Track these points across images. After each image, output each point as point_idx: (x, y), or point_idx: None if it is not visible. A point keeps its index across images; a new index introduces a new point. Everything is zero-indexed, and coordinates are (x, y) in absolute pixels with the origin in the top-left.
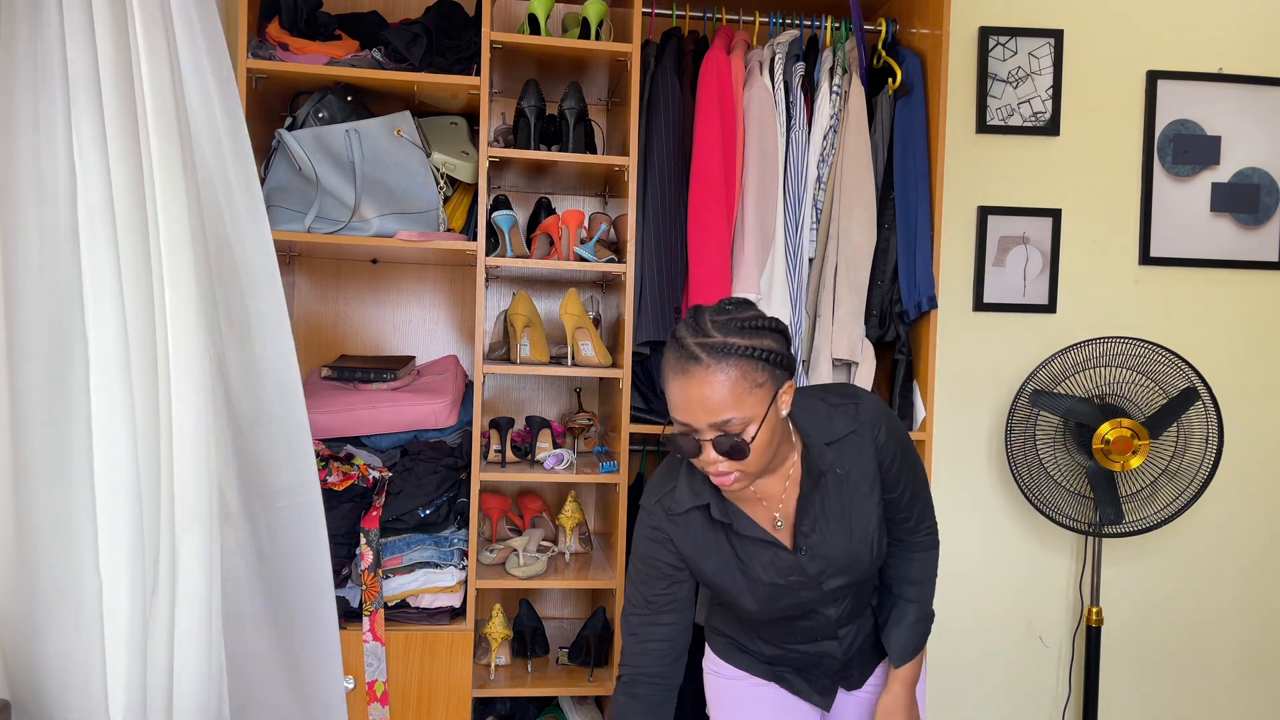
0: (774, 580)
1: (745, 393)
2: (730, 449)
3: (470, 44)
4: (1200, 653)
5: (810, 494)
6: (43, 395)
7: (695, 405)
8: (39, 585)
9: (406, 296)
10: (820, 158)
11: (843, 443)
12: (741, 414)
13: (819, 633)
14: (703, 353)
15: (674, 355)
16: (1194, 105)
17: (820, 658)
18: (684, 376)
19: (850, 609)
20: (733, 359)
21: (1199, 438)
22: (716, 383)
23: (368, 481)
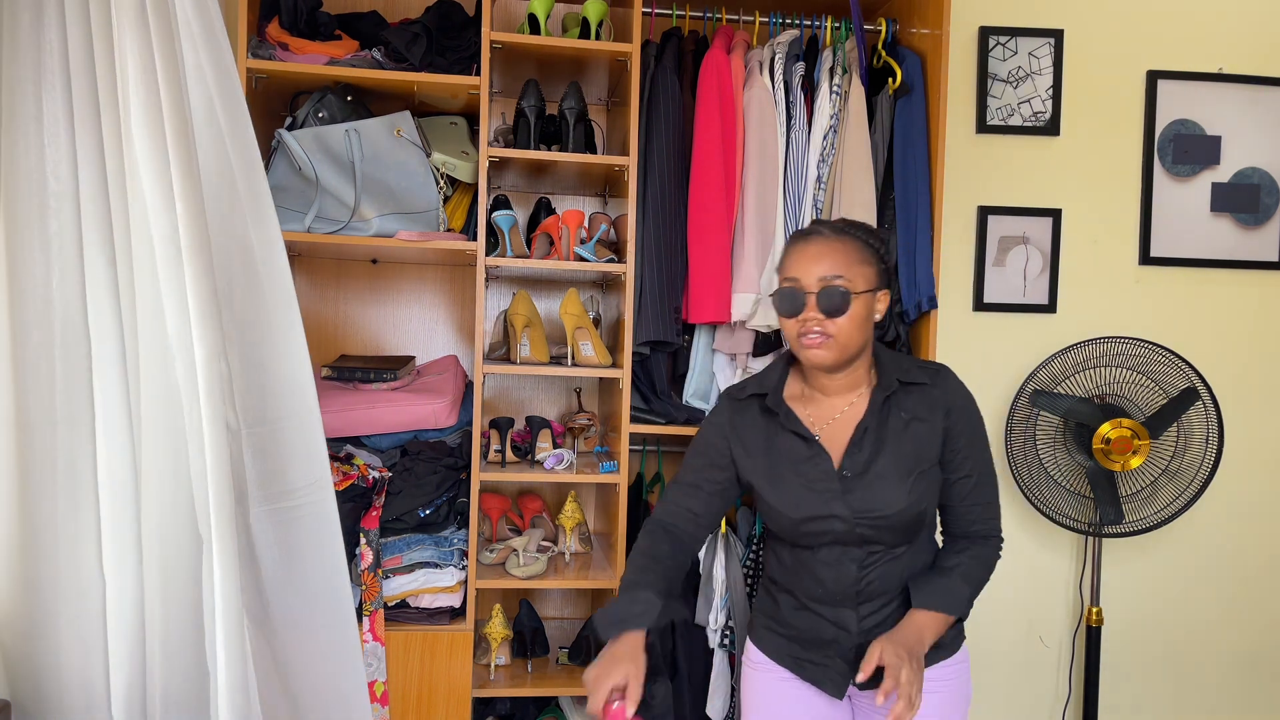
0: (806, 484)
1: (855, 263)
2: (831, 305)
3: (470, 44)
4: (1200, 652)
5: (871, 420)
6: (46, 396)
7: (810, 261)
8: (41, 586)
9: (406, 296)
10: (820, 158)
11: (915, 389)
12: (848, 276)
13: (841, 589)
14: (826, 229)
15: (796, 236)
16: (1194, 105)
17: (837, 632)
18: (804, 243)
19: (876, 579)
20: (850, 237)
21: (1199, 438)
22: (833, 248)
23: (368, 481)
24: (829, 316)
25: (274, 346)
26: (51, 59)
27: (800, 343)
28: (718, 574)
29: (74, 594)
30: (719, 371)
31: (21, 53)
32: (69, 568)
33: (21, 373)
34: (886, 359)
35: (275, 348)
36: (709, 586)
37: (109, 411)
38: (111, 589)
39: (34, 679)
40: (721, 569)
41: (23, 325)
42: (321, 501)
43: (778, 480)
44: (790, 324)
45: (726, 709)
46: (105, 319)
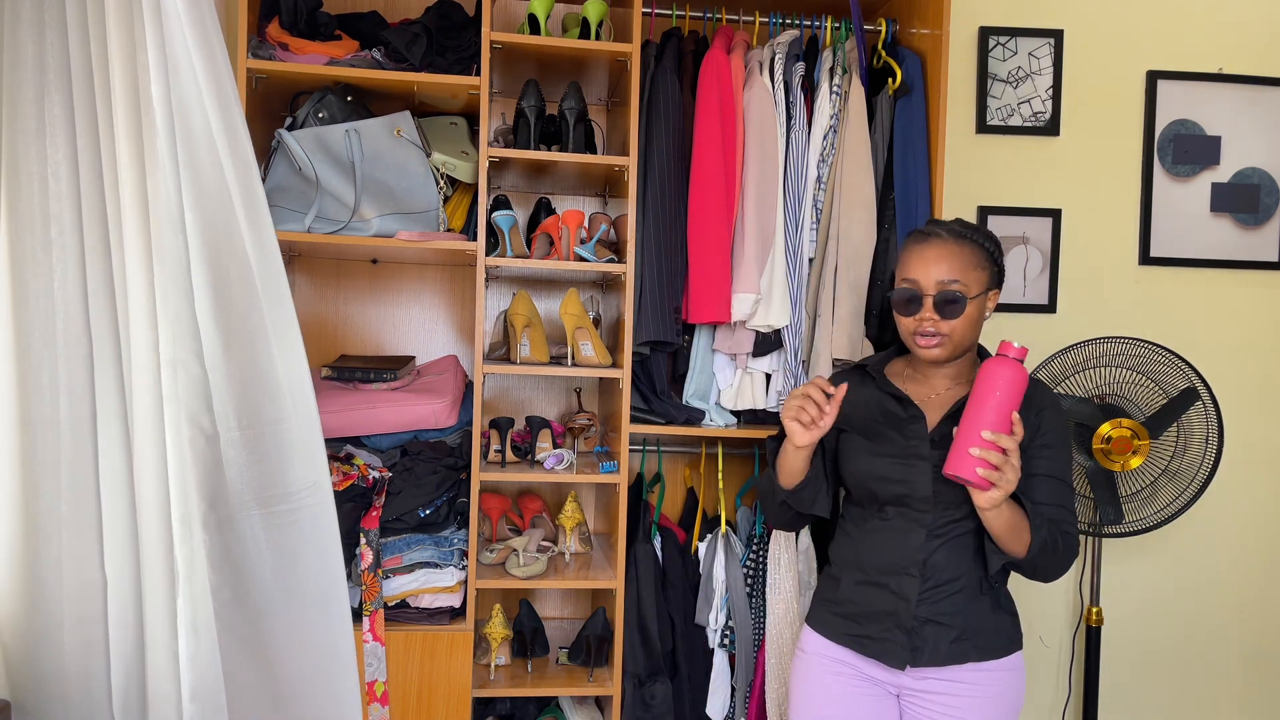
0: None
1: (971, 268)
2: (947, 307)
3: (470, 44)
4: (1200, 652)
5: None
6: (49, 397)
7: (930, 264)
8: (44, 585)
9: (406, 296)
10: (820, 158)
11: None
12: (965, 281)
13: (907, 555)
14: (944, 231)
15: (915, 237)
16: (1194, 105)
17: (897, 603)
18: (923, 244)
19: (942, 554)
20: (967, 242)
21: (1199, 438)
22: (951, 253)
23: (368, 481)
24: (944, 318)
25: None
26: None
27: (915, 340)
28: (718, 574)
29: (76, 594)
30: (719, 371)
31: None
32: (72, 568)
33: (24, 374)
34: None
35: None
36: (709, 586)
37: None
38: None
39: (35, 679)
40: (721, 569)
41: (25, 327)
42: (320, 504)
43: (871, 431)
44: (907, 322)
45: (726, 709)
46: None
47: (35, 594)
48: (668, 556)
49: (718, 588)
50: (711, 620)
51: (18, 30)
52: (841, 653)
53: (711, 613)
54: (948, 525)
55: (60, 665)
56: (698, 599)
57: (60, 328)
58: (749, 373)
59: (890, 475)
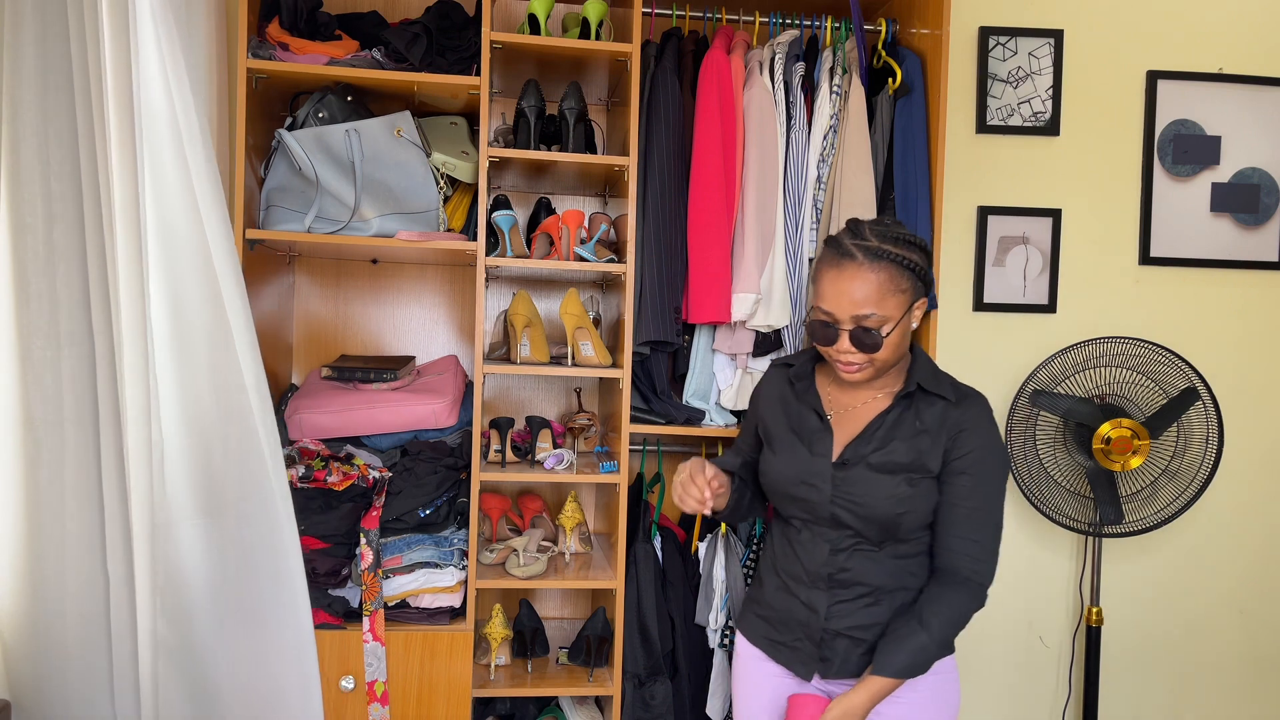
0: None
1: (889, 294)
2: (864, 342)
3: (470, 44)
4: (1200, 652)
5: (886, 418)
6: (51, 396)
7: (843, 297)
8: (46, 584)
9: (406, 296)
10: (820, 158)
11: (936, 403)
12: (882, 312)
13: (814, 569)
14: (859, 252)
15: (830, 252)
16: (1194, 105)
17: (808, 614)
18: (836, 270)
19: (850, 569)
20: (884, 262)
21: (1199, 438)
22: (866, 280)
23: (368, 481)
24: (862, 351)
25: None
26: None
27: (836, 366)
28: (718, 574)
29: (79, 592)
30: (719, 371)
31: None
32: (75, 566)
33: (27, 373)
34: (921, 368)
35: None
36: (709, 586)
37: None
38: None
39: (36, 678)
40: (721, 569)
41: (28, 326)
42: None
43: (783, 442)
44: (827, 350)
45: (726, 709)
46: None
47: (38, 593)
48: (668, 556)
49: (718, 588)
50: (711, 620)
51: (20, 34)
52: (766, 660)
53: (711, 613)
54: (849, 541)
55: (62, 664)
56: (698, 599)
57: (63, 327)
58: (749, 373)
59: (793, 492)
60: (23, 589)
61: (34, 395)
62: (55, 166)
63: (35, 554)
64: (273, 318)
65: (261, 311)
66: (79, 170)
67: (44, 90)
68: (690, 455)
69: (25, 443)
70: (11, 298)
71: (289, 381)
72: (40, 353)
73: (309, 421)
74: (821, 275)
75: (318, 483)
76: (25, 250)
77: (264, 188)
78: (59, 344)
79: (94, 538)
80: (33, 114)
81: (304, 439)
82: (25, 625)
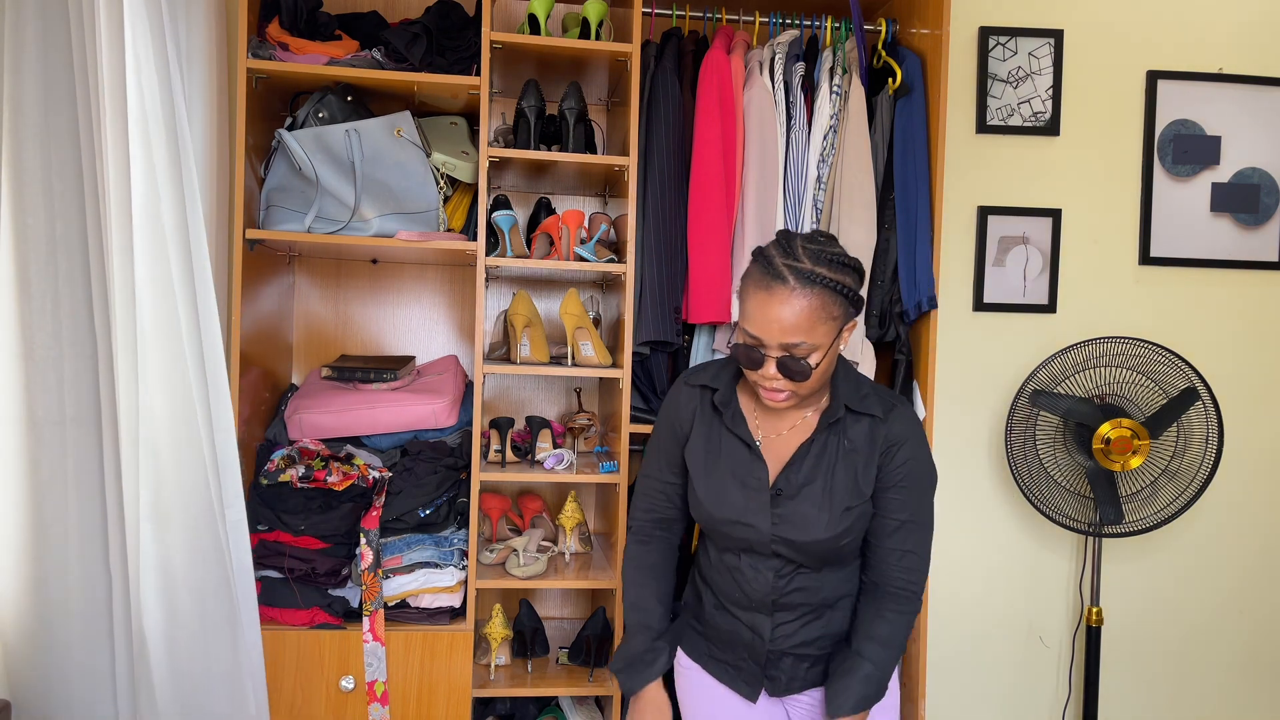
0: (739, 487)
1: (820, 321)
2: (792, 370)
3: (470, 44)
4: (1200, 652)
5: (814, 443)
6: (54, 396)
7: (772, 323)
8: (48, 584)
9: (406, 296)
10: (820, 158)
11: (863, 420)
12: (812, 340)
13: (758, 596)
14: (790, 275)
15: (760, 270)
16: (1194, 105)
17: (752, 637)
18: (766, 293)
19: (794, 591)
20: (817, 288)
21: (1199, 438)
22: (797, 307)
23: (368, 481)
24: (790, 379)
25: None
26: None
27: (760, 391)
28: None
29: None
30: None
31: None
32: (78, 565)
33: (30, 373)
34: (844, 383)
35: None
36: None
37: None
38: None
39: (36, 678)
40: None
41: (30, 326)
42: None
43: (712, 474)
44: (751, 373)
45: None
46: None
47: (39, 592)
48: None
49: None
50: None
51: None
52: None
53: None
54: (790, 567)
55: (63, 663)
56: None
57: (64, 326)
58: None
59: (729, 530)
60: (24, 588)
61: (36, 394)
62: (57, 165)
63: (37, 553)
64: (273, 318)
65: (261, 311)
66: (80, 169)
67: (45, 89)
68: None
69: (28, 441)
70: (14, 297)
71: (289, 381)
72: (43, 352)
73: (309, 421)
74: (749, 294)
75: (318, 483)
76: (27, 249)
77: (264, 188)
78: (61, 343)
79: (96, 537)
80: (34, 113)
81: (304, 439)
82: (26, 624)
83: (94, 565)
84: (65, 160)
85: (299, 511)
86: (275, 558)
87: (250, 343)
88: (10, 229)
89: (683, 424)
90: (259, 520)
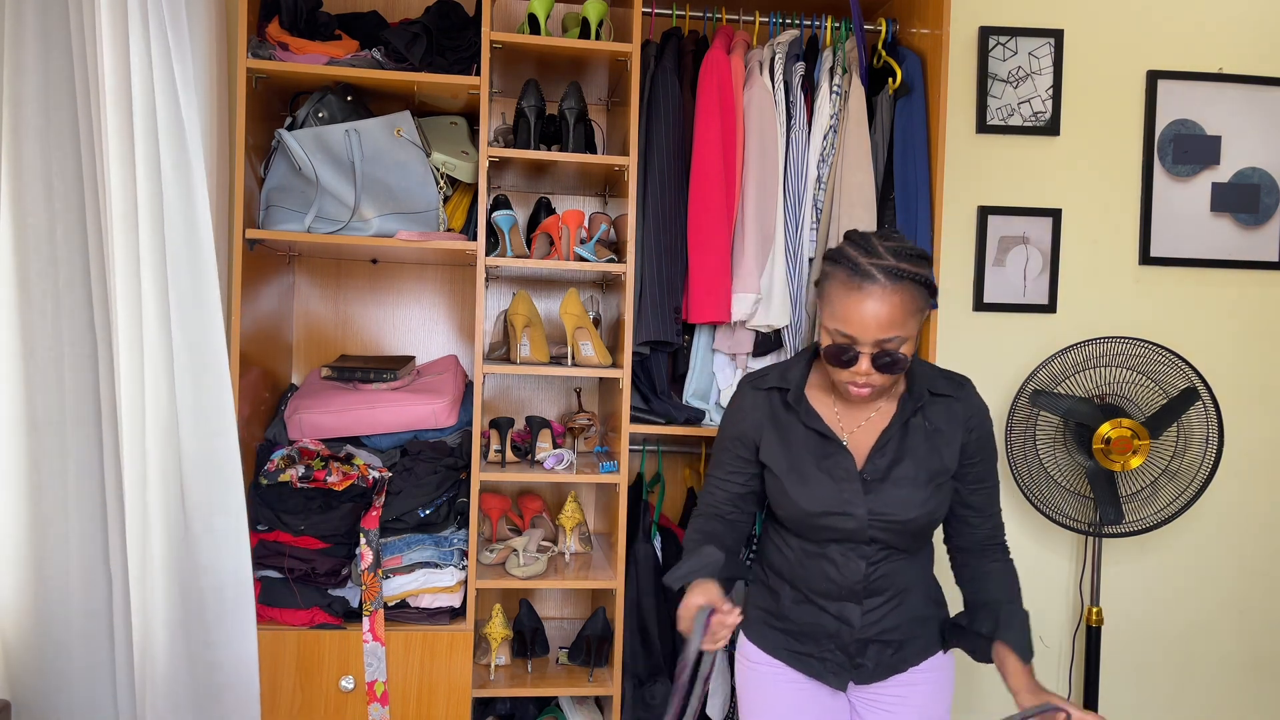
0: (829, 479)
1: (910, 315)
2: (888, 364)
3: (470, 44)
4: (1200, 652)
5: (896, 427)
6: (54, 396)
7: (869, 320)
8: (49, 584)
9: (406, 296)
10: (820, 158)
11: (941, 400)
12: (904, 334)
13: (848, 585)
14: (879, 274)
15: (846, 273)
16: (1194, 105)
17: (839, 626)
18: (859, 293)
19: (883, 577)
20: (904, 283)
21: (1199, 438)
22: (891, 303)
23: (368, 481)
24: (883, 373)
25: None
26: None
27: (848, 389)
28: None
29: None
30: (719, 371)
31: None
32: (78, 565)
33: (30, 373)
34: (918, 368)
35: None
36: None
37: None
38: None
39: (36, 678)
40: None
41: (30, 326)
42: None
43: (798, 472)
44: (840, 372)
45: (726, 709)
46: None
47: (40, 592)
48: (668, 556)
49: None
50: None
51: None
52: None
53: None
54: (883, 553)
55: (64, 663)
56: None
57: (65, 326)
58: (749, 372)
59: (823, 522)
60: (25, 588)
61: (37, 395)
62: (57, 166)
63: (37, 553)
64: (273, 318)
65: (261, 311)
66: (80, 170)
67: (45, 88)
68: (690, 455)
69: (28, 442)
70: (14, 297)
71: (289, 381)
72: (43, 353)
73: (309, 421)
74: (837, 296)
75: (318, 483)
76: (28, 250)
77: (264, 188)
78: (61, 344)
79: (96, 537)
80: (35, 112)
81: (304, 439)
82: (27, 624)
83: (94, 565)
84: (65, 159)
85: (299, 511)
86: (275, 558)
87: (250, 342)
88: (10, 229)
89: (750, 429)
90: (259, 520)
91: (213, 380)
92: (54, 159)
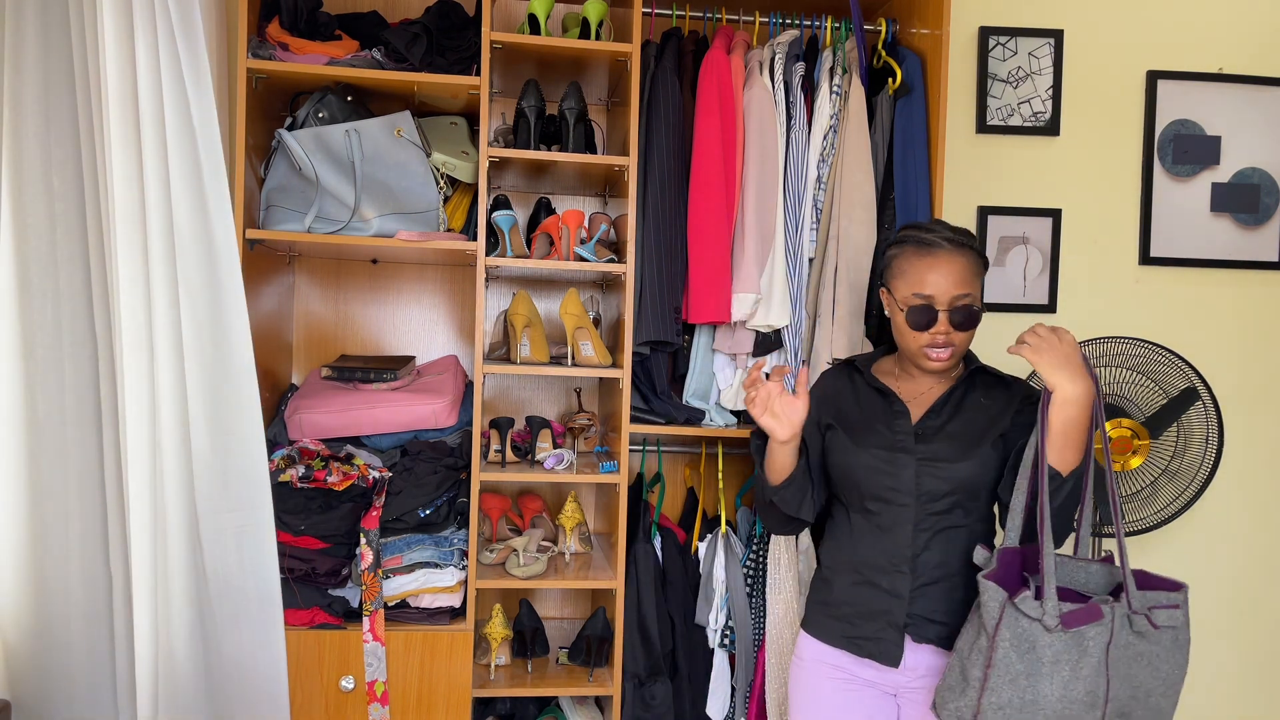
0: (884, 429)
1: (974, 275)
2: (964, 319)
3: (470, 44)
4: (1199, 653)
5: (953, 396)
6: (55, 395)
7: (945, 279)
8: (49, 583)
9: (406, 296)
10: (820, 158)
11: (998, 385)
12: (973, 292)
13: (897, 550)
14: (945, 242)
15: (915, 245)
16: (1194, 105)
17: (890, 601)
18: (932, 257)
19: (932, 547)
20: (967, 249)
21: (1199, 438)
22: (960, 264)
23: (368, 481)
24: (959, 330)
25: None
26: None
27: (927, 354)
28: (718, 574)
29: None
30: (719, 371)
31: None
32: (79, 565)
33: (31, 373)
34: (972, 357)
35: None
36: (709, 586)
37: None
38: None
39: (36, 678)
40: (721, 569)
41: (31, 326)
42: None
43: (855, 426)
44: (920, 336)
45: (726, 709)
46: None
47: (40, 592)
48: (668, 556)
49: (718, 588)
50: (711, 620)
51: (22, 33)
52: (838, 657)
53: (711, 613)
54: (932, 518)
55: (64, 663)
56: (698, 599)
57: (65, 326)
58: (749, 372)
59: (875, 467)
60: (25, 588)
61: (38, 394)
62: (57, 165)
63: (38, 553)
64: (273, 318)
65: (261, 311)
66: (80, 169)
67: (46, 89)
68: (690, 455)
69: (29, 441)
70: (15, 297)
71: (289, 381)
72: (44, 352)
73: (309, 421)
74: (911, 264)
75: (318, 483)
76: (29, 249)
77: (264, 188)
78: (62, 343)
79: (96, 537)
80: (35, 112)
81: (304, 439)
82: (26, 624)
83: (94, 565)
84: (65, 159)
85: (299, 511)
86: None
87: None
88: (10, 229)
89: (821, 401)
90: None
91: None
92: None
